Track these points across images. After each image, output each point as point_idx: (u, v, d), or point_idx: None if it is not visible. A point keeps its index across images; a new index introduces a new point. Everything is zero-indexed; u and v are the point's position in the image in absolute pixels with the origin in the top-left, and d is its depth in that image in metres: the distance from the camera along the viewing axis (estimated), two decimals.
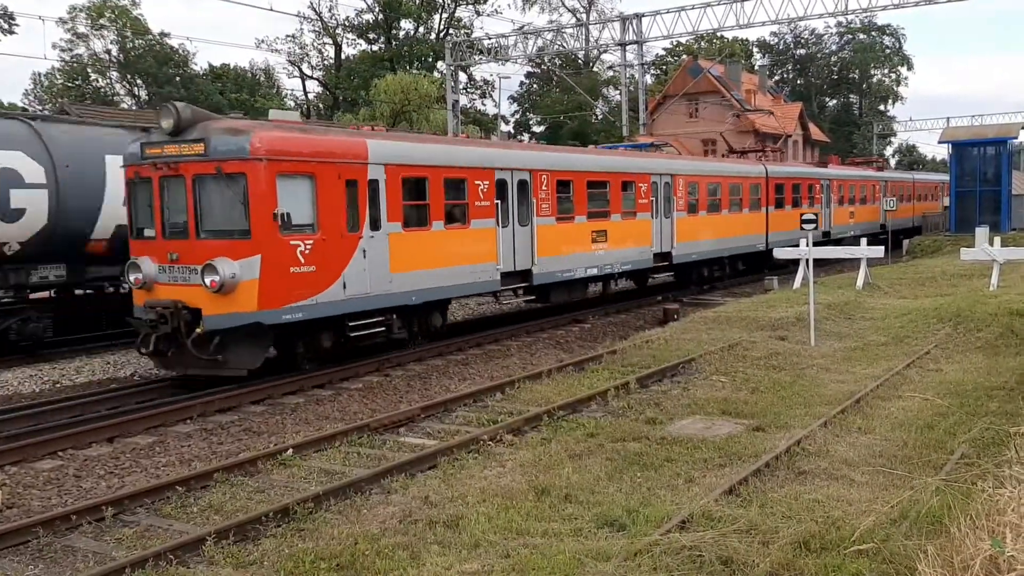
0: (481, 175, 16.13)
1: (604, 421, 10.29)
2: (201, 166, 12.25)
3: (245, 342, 12.56)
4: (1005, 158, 34.37)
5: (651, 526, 6.71)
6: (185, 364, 12.72)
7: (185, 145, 12.42)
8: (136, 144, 13.24)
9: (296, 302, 12.62)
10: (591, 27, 61.06)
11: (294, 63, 70.55)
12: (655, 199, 21.49)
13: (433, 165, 15.17)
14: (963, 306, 16.27)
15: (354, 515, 7.49)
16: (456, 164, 15.73)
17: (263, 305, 12.26)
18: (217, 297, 12.09)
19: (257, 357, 12.86)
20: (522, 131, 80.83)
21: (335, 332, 13.81)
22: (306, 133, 13.52)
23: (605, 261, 19.70)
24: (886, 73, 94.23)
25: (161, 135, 12.77)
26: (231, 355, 12.47)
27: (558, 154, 19.80)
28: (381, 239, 14.01)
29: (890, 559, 5.39)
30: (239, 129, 12.49)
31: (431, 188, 15.03)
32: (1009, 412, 8.81)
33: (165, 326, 12.32)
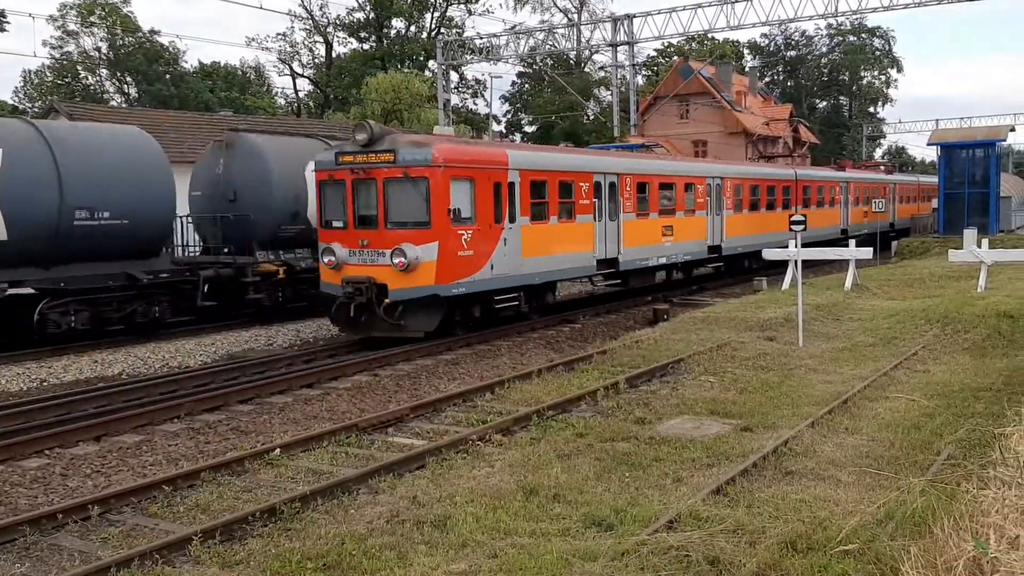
0: (584, 178, 19.03)
1: (593, 421, 10.30)
2: (390, 171, 15.29)
3: (423, 310, 15.73)
4: (993, 160, 34.54)
5: (639, 526, 6.72)
6: (372, 328, 15.77)
7: (376, 155, 15.40)
8: (330, 153, 16.33)
9: (461, 279, 15.81)
10: (583, 27, 61.19)
11: (285, 61, 70.45)
12: (709, 199, 24.53)
13: (550, 170, 18.26)
14: (951, 307, 16.35)
15: (341, 515, 7.47)
16: (566, 168, 18.84)
17: (438, 281, 15.43)
18: (401, 275, 15.20)
19: (432, 322, 15.90)
20: (514, 131, 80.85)
21: (482, 305, 16.99)
22: (467, 145, 17.58)
23: (671, 252, 22.72)
24: (876, 75, 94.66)
25: (355, 146, 15.67)
26: (411, 320, 15.64)
27: (638, 160, 22.81)
28: (516, 230, 17.05)
29: (876, 560, 5.41)
30: (421, 143, 15.82)
31: (549, 189, 18.01)
32: (995, 413, 8.85)
33: (360, 297, 15.30)
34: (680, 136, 60.04)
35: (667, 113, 60.36)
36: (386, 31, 70.55)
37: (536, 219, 17.57)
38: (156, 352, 15.93)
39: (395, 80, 57.18)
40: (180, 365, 15.36)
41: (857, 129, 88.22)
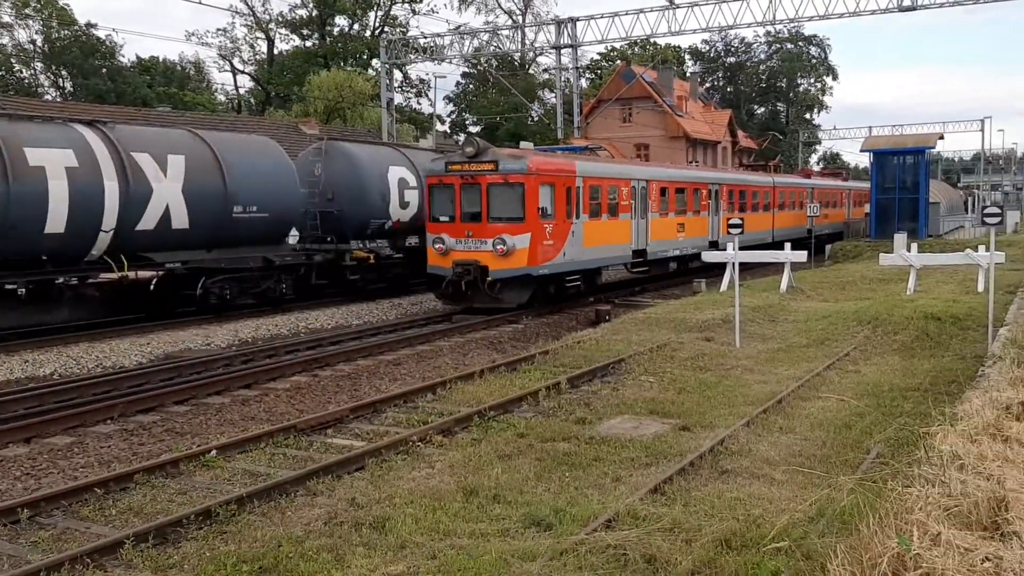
0: (625, 183, 23.26)
1: (535, 421, 10.35)
2: (492, 178, 19.24)
3: (517, 287, 19.76)
4: (923, 167, 35.55)
5: (577, 525, 6.78)
6: (475, 301, 19.62)
7: (481, 164, 19.39)
8: (439, 162, 20.42)
9: (545, 263, 19.86)
10: (527, 29, 61.35)
11: (225, 57, 69.38)
12: (711, 202, 28.91)
13: (602, 176, 22.42)
14: (881, 310, 16.78)
15: (278, 517, 7.40)
16: (613, 176, 23.11)
17: (529, 264, 19.42)
18: (500, 259, 19.10)
19: (524, 296, 19.94)
20: (458, 131, 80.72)
21: (555, 284, 21.03)
22: (549, 156, 22.27)
23: (683, 245, 26.68)
24: (812, 82, 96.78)
25: (462, 157, 19.73)
26: (507, 295, 19.60)
27: (660, 169, 28.14)
28: (580, 225, 21.07)
29: (806, 557, 5.54)
30: (518, 155, 20.05)
31: (602, 192, 22.13)
32: (922, 413, 9.10)
33: (468, 276, 19.13)
34: (623, 139, 60.56)
35: (610, 116, 60.87)
36: (329, 29, 69.89)
37: (593, 216, 21.73)
38: (90, 352, 15.55)
39: (338, 78, 56.71)
40: (114, 365, 15.02)
41: (794, 135, 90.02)
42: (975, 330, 14.90)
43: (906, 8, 39.74)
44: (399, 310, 21.84)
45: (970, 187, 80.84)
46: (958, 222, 50.25)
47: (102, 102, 50.73)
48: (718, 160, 67.12)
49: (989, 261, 15.12)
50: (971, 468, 5.54)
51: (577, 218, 20.91)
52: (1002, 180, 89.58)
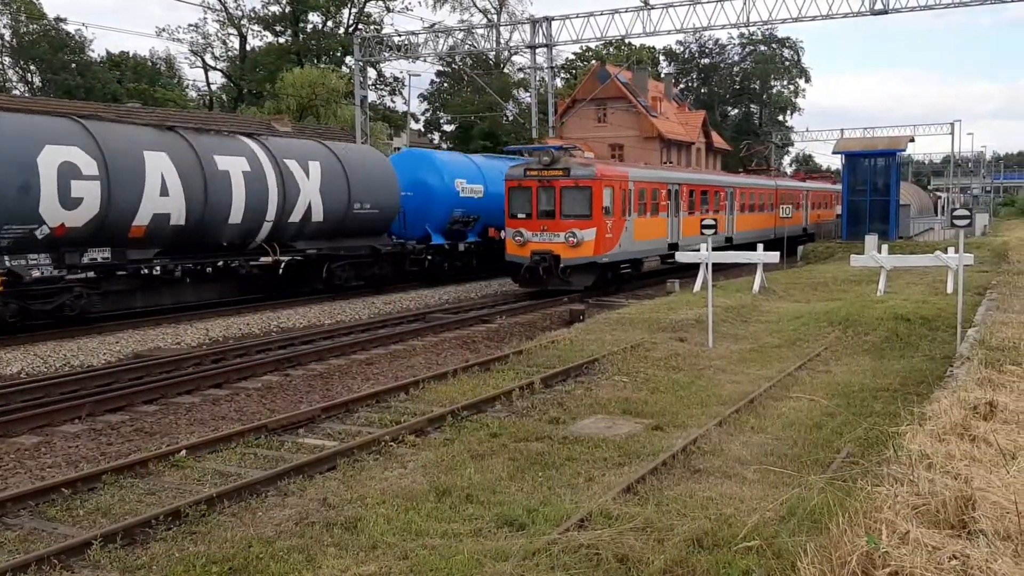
0: (663, 186, 27.40)
1: (508, 421, 10.33)
2: (565, 182, 22.94)
3: (584, 272, 23.42)
4: (894, 169, 35.94)
5: (550, 525, 6.77)
6: (548, 284, 23.06)
7: (554, 171, 23.03)
8: (519, 168, 23.85)
9: (606, 252, 23.54)
10: (502, 28, 61.28)
11: (197, 53, 68.71)
12: (727, 203, 32.76)
13: (648, 181, 26.50)
14: (852, 310, 16.93)
15: (249, 518, 7.33)
16: (656, 180, 27.28)
17: (595, 253, 23.08)
18: (571, 249, 22.69)
19: (589, 280, 23.52)
20: (432, 130, 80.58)
21: (612, 271, 24.89)
22: (609, 164, 27.18)
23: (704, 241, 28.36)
24: (785, 84, 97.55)
25: (538, 165, 23.29)
26: (576, 279, 23.27)
27: (689, 174, 32.63)
28: (631, 222, 24.95)
29: (776, 556, 5.57)
30: (586, 163, 24.04)
31: (647, 194, 26.14)
32: (892, 413, 9.19)
33: (544, 263, 22.62)
34: (598, 139, 60.70)
35: (585, 116, 60.99)
36: (302, 25, 69.45)
37: (640, 214, 25.57)
38: (57, 351, 15.35)
39: (311, 75, 56.37)
40: (83, 364, 14.82)
41: (767, 137, 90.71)
42: (944, 331, 15.08)
43: (878, 12, 40.15)
44: (372, 309, 21.75)
45: (938, 190, 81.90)
46: (928, 224, 50.90)
47: (71, 98, 50.09)
48: (692, 161, 67.49)
49: (958, 263, 15.30)
50: (939, 467, 5.59)
51: (630, 216, 24.87)
52: (971, 183, 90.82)
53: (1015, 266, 24.60)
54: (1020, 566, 4.15)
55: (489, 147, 57.29)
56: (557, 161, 23.11)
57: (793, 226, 39.88)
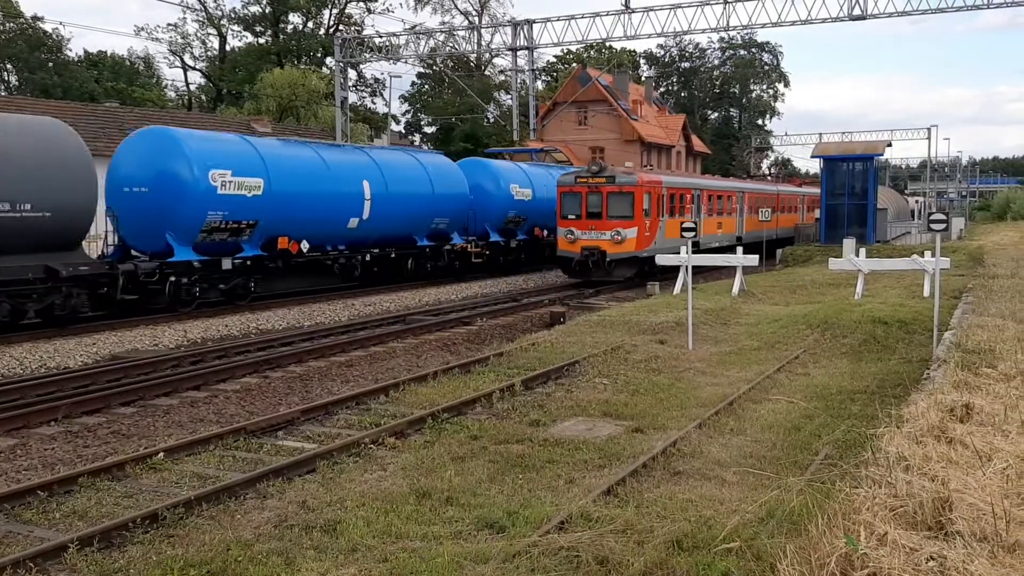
0: (688, 192, 31.18)
1: (488, 423, 10.32)
2: (610, 188, 26.67)
3: (626, 266, 27.22)
4: (872, 173, 36.25)
5: (530, 527, 6.77)
6: (593, 276, 26.81)
7: (601, 178, 26.90)
8: (570, 176, 28.07)
9: (645, 248, 26.97)
10: (483, 31, 61.29)
11: (176, 53, 68.24)
12: (737, 206, 36.32)
13: (676, 187, 30.37)
14: (830, 313, 17.04)
15: (227, 520, 7.28)
16: (681, 186, 31.08)
17: (636, 249, 26.82)
18: (615, 245, 26.44)
19: (631, 272, 27.26)
20: (413, 131, 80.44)
21: (650, 264, 26.47)
22: (648, 173, 30.39)
23: (720, 239, 33.63)
24: (764, 88, 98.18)
25: (587, 173, 27.41)
26: (619, 271, 27.15)
27: (709, 181, 37.13)
28: (664, 222, 28.62)
29: (756, 557, 5.60)
30: (628, 172, 28.30)
31: (676, 199, 29.88)
32: (869, 415, 9.25)
33: (592, 258, 26.40)
34: (578, 142, 60.83)
35: (566, 119, 61.09)
36: (282, 26, 69.17)
37: (671, 216, 29.05)
38: (33, 352, 15.18)
39: (292, 76, 56.19)
40: (59, 366, 14.68)
41: (746, 140, 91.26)
42: (921, 334, 15.21)
43: (856, 17, 40.53)
44: (352, 311, 21.69)
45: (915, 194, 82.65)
46: (905, 228, 51.35)
47: (48, 97, 49.63)
48: (672, 165, 67.76)
49: (935, 267, 15.44)
50: (916, 469, 5.64)
51: (663, 217, 28.61)
52: (947, 187, 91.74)
53: (990, 270, 24.86)
54: (996, 567, 4.19)
55: (470, 149, 57.25)
56: (604, 170, 27.37)
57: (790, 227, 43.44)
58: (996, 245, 36.45)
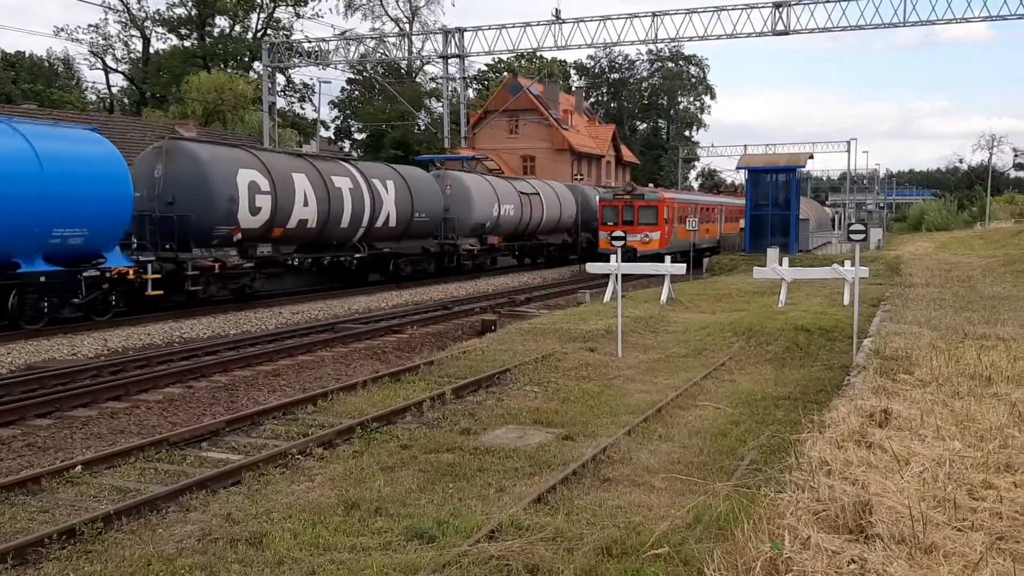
0: (688, 206, 38.88)
1: (419, 432, 10.25)
2: (640, 203, 35.38)
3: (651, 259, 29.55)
4: (794, 184, 37.13)
5: (461, 537, 6.73)
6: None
7: (633, 196, 35.91)
8: (609, 193, 38.44)
9: (665, 247, 34.50)
10: (414, 38, 61.06)
11: (97, 55, 66.35)
12: (718, 216, 44.00)
13: (682, 202, 38.78)
14: (755, 321, 17.39)
15: (148, 535, 7.07)
16: (685, 202, 39.54)
17: (659, 247, 34.36)
18: (643, 244, 34.10)
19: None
20: (343, 138, 79.65)
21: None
22: (666, 191, 42.77)
23: (707, 242, 41.19)
24: (691, 100, 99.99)
25: (622, 192, 37.02)
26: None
27: (701, 197, 47.25)
28: (676, 228, 36.11)
29: (684, 563, 5.66)
30: (655, 191, 40.54)
31: (680, 211, 37.20)
32: (793, 420, 9.46)
33: (628, 255, 25.45)
34: (510, 150, 61.06)
35: (497, 127, 61.28)
36: (209, 29, 67.83)
37: (679, 223, 36.23)
38: None
39: (218, 80, 55.15)
40: None
41: (674, 151, 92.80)
42: (841, 341, 15.62)
43: (779, 32, 41.61)
44: (279, 319, 21.34)
45: (835, 205, 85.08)
46: (826, 238, 52.78)
47: None
48: (601, 174, 68.46)
49: (854, 276, 15.89)
50: (838, 473, 5.78)
51: (675, 225, 36.46)
52: (866, 199, 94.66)
53: (907, 279, 25.72)
54: (914, 568, 4.31)
55: (401, 156, 56.95)
56: (635, 190, 37.56)
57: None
58: (912, 255, 37.74)
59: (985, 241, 46.40)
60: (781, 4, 41.11)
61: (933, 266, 30.62)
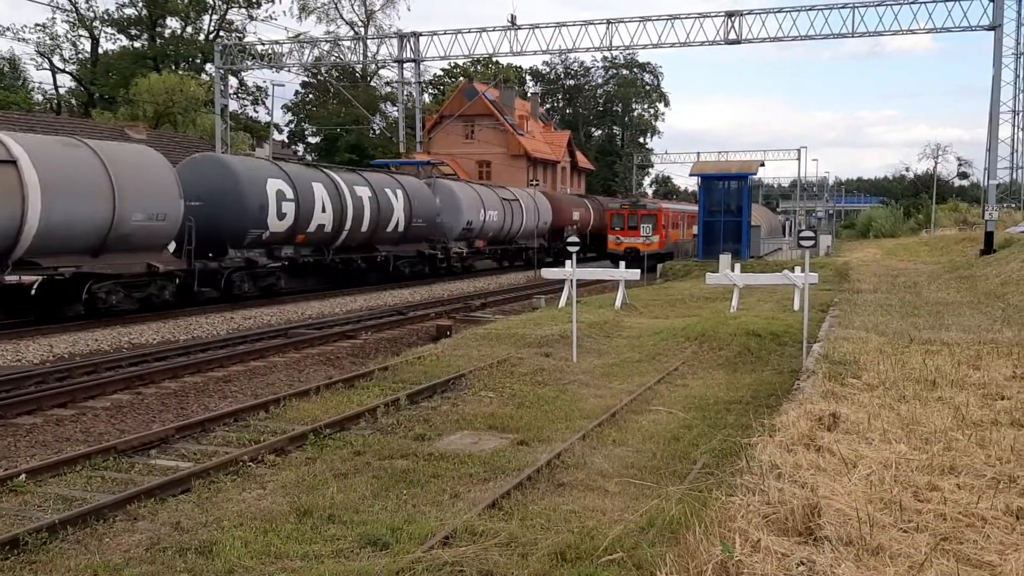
0: (679, 215, 45.02)
1: (372, 439, 10.18)
2: (642, 211, 40.43)
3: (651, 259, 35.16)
4: (746, 191, 37.65)
5: (415, 543, 6.70)
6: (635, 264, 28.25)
7: (637, 207, 41.09)
8: (617, 203, 43.96)
9: (663, 248, 40.11)
10: (369, 42, 60.75)
11: (44, 55, 64.90)
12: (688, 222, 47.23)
13: (673, 211, 44.06)
14: (707, 326, 17.57)
15: (95, 545, 6.93)
16: (675, 211, 44.84)
17: (658, 248, 39.31)
18: (647, 245, 38.39)
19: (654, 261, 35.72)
20: (297, 141, 78.97)
21: (665, 258, 38.48)
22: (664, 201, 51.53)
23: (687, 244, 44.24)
24: (646, 108, 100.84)
25: (629, 202, 42.40)
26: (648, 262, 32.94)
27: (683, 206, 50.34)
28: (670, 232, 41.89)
29: (637, 566, 5.70)
30: (655, 202, 45.43)
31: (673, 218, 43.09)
32: (744, 425, 9.57)
33: (632, 253, 35.93)
34: (466, 155, 61.03)
35: (453, 132, 61.20)
36: (160, 30, 66.77)
37: (672, 229, 42.37)
38: None
39: (169, 82, 54.32)
40: None
41: (629, 158, 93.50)
42: (791, 346, 15.86)
43: (732, 41, 42.19)
44: (231, 324, 21.05)
45: (785, 212, 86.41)
46: (777, 244, 53.53)
47: None
48: (557, 180, 68.72)
49: (804, 282, 16.14)
50: (787, 477, 5.86)
51: (669, 229, 41.56)
52: (816, 206, 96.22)
53: (855, 284, 26.17)
54: (862, 570, 4.38)
55: (355, 160, 56.60)
56: (639, 201, 43.47)
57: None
58: (860, 261, 38.42)
59: (930, 248, 47.42)
60: (733, 13, 41.72)
61: (880, 272, 31.23)
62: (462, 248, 35.76)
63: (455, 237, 34.93)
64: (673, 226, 42.61)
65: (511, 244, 41.49)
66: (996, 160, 38.61)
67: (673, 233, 41.95)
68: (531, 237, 41.87)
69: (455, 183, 36.57)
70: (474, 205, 36.04)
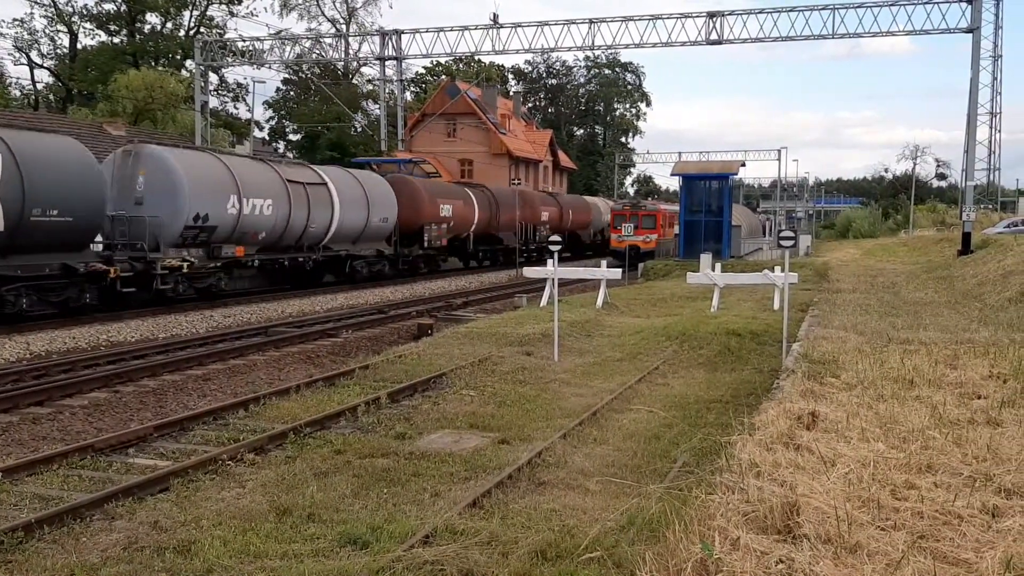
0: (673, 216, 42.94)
1: (353, 437, 10.15)
2: (643, 213, 44.06)
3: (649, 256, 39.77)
4: (727, 191, 37.79)
5: (395, 542, 6.68)
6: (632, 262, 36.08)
7: (637, 207, 45.48)
8: (619, 204, 49.98)
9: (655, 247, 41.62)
10: (351, 39, 60.54)
11: (21, 49, 64.21)
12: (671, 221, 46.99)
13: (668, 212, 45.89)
14: (688, 326, 17.65)
15: (72, 544, 6.87)
16: (671, 212, 45.21)
17: (655, 246, 41.77)
18: (645, 243, 42.16)
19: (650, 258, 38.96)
20: (277, 139, 78.55)
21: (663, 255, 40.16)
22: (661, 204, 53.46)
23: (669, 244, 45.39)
24: (627, 107, 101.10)
25: (631, 203, 49.32)
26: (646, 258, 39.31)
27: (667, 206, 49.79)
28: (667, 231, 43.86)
29: (617, 565, 5.71)
30: (655, 204, 52.80)
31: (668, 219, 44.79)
32: (724, 423, 9.60)
33: (632, 251, 40.08)
34: (448, 154, 60.94)
35: (435, 131, 61.09)
36: (139, 26, 66.22)
37: (668, 228, 44.08)
38: None
39: (149, 78, 53.85)
40: None
41: (610, 157, 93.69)
42: (771, 345, 15.94)
43: (713, 41, 42.32)
44: (210, 323, 20.92)
45: (766, 212, 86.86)
46: (757, 244, 53.78)
47: None
48: (539, 179, 68.77)
49: (784, 281, 16.24)
50: (767, 475, 5.89)
51: (665, 228, 43.77)
52: (796, 206, 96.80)
53: (834, 284, 26.36)
54: (840, 568, 4.41)
55: (336, 158, 56.37)
56: (639, 202, 49.02)
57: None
58: (839, 261, 38.68)
59: (909, 248, 47.80)
60: (715, 14, 41.83)
61: (859, 272, 31.46)
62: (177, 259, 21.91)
63: (170, 242, 21.83)
64: (669, 225, 44.23)
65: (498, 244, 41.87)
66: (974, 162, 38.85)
67: (669, 232, 43.79)
68: (363, 242, 30.38)
69: (170, 151, 23.31)
70: (215, 188, 22.89)
